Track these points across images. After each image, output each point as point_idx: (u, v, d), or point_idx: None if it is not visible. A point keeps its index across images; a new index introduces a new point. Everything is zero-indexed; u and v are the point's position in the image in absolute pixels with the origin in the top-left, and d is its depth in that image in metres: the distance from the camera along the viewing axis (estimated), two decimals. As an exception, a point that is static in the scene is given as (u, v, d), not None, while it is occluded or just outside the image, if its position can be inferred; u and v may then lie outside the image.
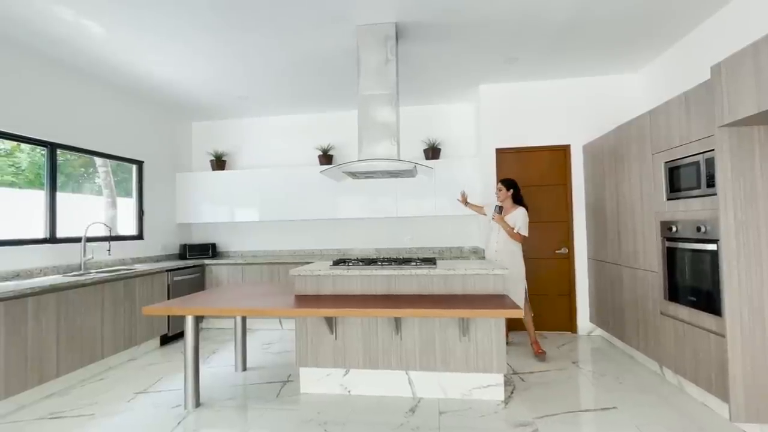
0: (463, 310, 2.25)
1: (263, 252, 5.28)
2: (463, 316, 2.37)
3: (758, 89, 1.82)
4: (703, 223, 2.35)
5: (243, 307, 2.46)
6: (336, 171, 3.01)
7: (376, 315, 2.32)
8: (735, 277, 2.08)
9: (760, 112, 1.81)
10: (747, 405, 2.05)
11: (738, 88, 1.93)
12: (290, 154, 5.27)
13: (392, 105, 2.99)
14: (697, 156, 2.42)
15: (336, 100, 4.71)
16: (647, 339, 3.04)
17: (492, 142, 4.35)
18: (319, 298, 2.75)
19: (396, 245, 5.02)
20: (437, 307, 2.36)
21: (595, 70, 4.07)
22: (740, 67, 1.92)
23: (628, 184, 3.25)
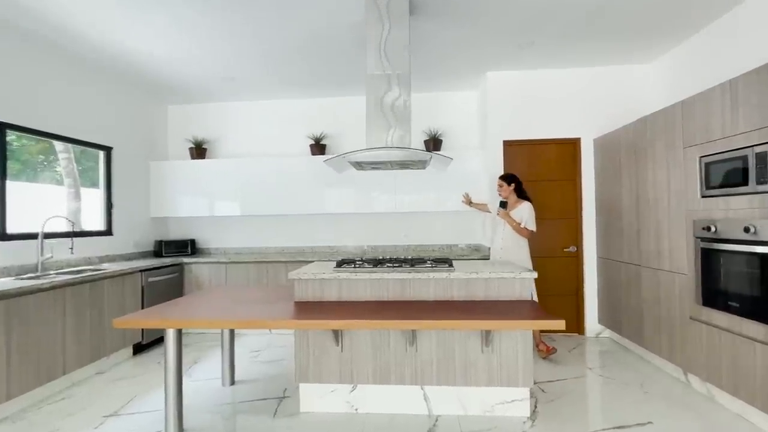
0: (501, 321, 1.97)
1: (248, 249, 4.86)
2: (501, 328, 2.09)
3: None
4: (752, 224, 2.15)
5: (238, 318, 2.09)
6: (340, 160, 2.65)
7: (392, 328, 2.01)
8: (797, 283, 1.89)
9: None
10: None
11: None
12: (279, 142, 4.84)
13: (405, 86, 2.66)
14: (744, 150, 2.21)
15: (332, 84, 4.32)
16: (671, 344, 2.86)
17: (499, 133, 4.08)
18: (323, 305, 2.41)
19: (392, 242, 4.71)
20: (458, 315, 2.08)
21: (609, 60, 3.85)
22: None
23: (651, 181, 3.05)
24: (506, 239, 3.43)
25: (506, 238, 3.43)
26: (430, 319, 2.03)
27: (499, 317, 2.02)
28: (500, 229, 3.50)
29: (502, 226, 3.48)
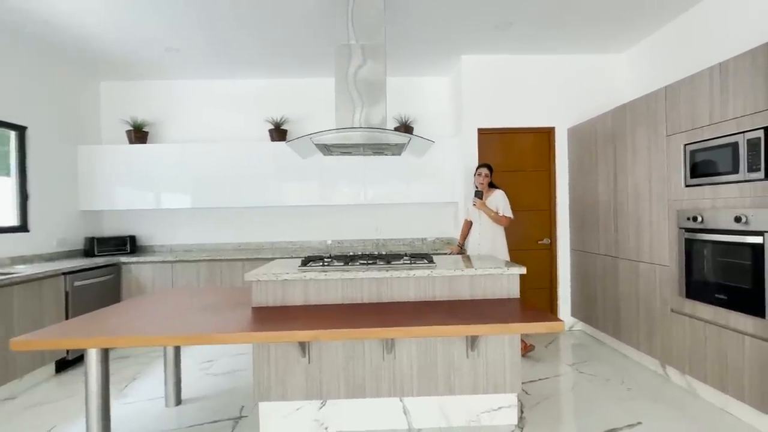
0: (497, 325, 1.73)
1: (199, 246, 4.34)
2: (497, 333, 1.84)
3: None
4: (743, 213, 2.06)
5: (180, 334, 1.69)
6: (305, 143, 2.30)
7: (372, 337, 1.71)
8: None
9: None
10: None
11: (826, 49, 1.60)
12: (234, 126, 4.34)
13: (379, 60, 2.34)
14: (735, 136, 2.12)
15: (295, 63, 3.90)
16: (651, 337, 2.80)
17: (474, 121, 3.88)
18: (287, 311, 2.06)
19: (360, 236, 4.40)
20: (445, 318, 1.82)
21: (584, 48, 3.76)
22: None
23: (631, 170, 2.96)
24: (483, 232, 3.24)
25: (483, 231, 3.25)
26: (414, 324, 1.76)
27: (492, 320, 1.78)
28: (476, 222, 3.31)
29: (477, 219, 3.29)
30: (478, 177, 3.24)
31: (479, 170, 3.25)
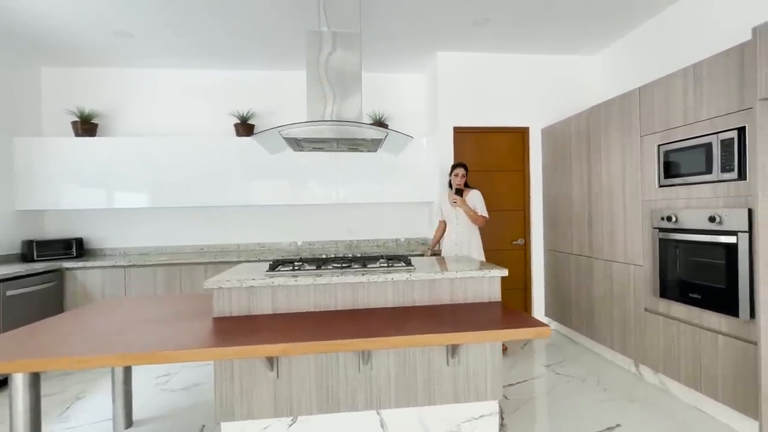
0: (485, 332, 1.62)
1: (156, 249, 4.01)
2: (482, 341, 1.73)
3: (833, 50, 1.51)
4: (717, 213, 2.08)
5: (126, 352, 1.46)
6: (274, 137, 2.11)
7: (348, 349, 1.56)
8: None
9: (835, 78, 1.49)
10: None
11: (802, 50, 1.61)
12: (196, 120, 4.04)
13: (355, 50, 2.19)
14: (708, 137, 2.14)
15: (263, 52, 3.66)
16: (624, 336, 2.81)
17: (450, 119, 3.81)
18: (253, 321, 1.87)
19: (331, 238, 4.22)
20: (427, 325, 1.70)
21: (559, 49, 3.77)
22: (806, 24, 1.60)
23: (605, 170, 2.98)
24: (460, 232, 3.17)
25: (460, 231, 3.17)
26: (394, 332, 1.62)
27: (478, 326, 1.67)
28: (453, 222, 3.23)
29: (454, 219, 3.21)
30: (455, 177, 3.16)
31: (456, 170, 3.17)
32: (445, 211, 3.30)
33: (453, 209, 3.19)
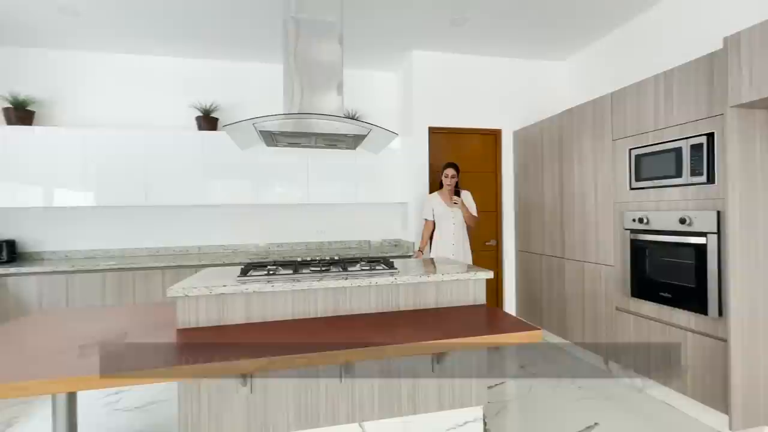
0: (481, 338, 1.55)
1: (105, 252, 3.63)
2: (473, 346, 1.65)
3: (800, 61, 1.59)
4: (687, 215, 2.16)
5: (71, 375, 1.24)
6: (247, 128, 1.93)
7: (338, 362, 1.43)
8: (738, 276, 1.90)
9: (802, 87, 1.58)
10: (745, 411, 1.90)
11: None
12: (152, 111, 3.71)
13: (337, 40, 2.06)
14: (678, 141, 2.22)
15: (230, 41, 3.42)
16: (596, 335, 2.88)
17: (424, 119, 3.76)
18: (224, 333, 1.69)
19: (303, 239, 4.04)
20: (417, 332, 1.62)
21: (531, 53, 3.84)
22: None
23: (577, 173, 3.05)
24: (457, 233, 3.18)
25: (457, 232, 3.19)
26: (385, 340, 1.51)
27: (470, 332, 1.60)
28: (450, 224, 3.17)
29: (451, 219, 3.17)
30: (445, 178, 3.14)
31: (446, 170, 3.14)
32: (438, 212, 3.23)
33: (450, 210, 3.15)
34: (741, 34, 1.81)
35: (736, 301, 1.90)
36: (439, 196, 3.27)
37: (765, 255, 1.93)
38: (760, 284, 1.93)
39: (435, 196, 3.29)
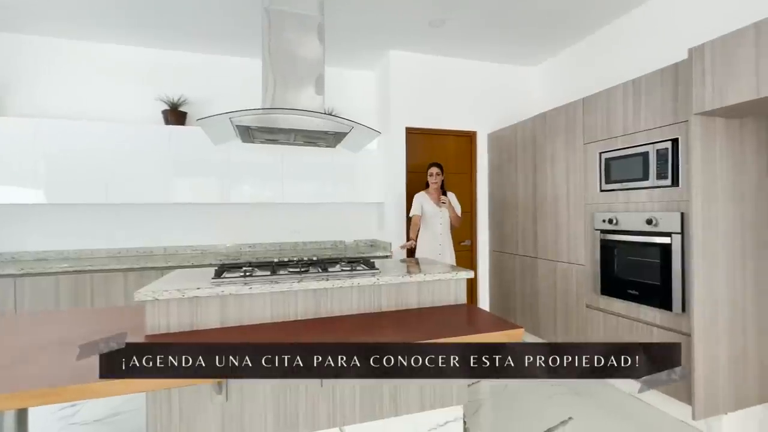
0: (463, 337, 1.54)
1: (59, 253, 3.37)
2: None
3: (758, 73, 1.71)
4: (653, 216, 2.27)
5: (24, 389, 1.12)
6: (223, 122, 1.84)
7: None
8: (700, 274, 2.02)
9: (759, 98, 1.69)
10: (707, 401, 2.02)
11: (732, 70, 1.81)
12: (112, 103, 3.48)
13: (317, 35, 2.01)
14: (645, 146, 2.34)
15: (201, 31, 3.26)
16: (567, 331, 2.98)
17: (401, 119, 3.76)
18: (199, 337, 1.59)
19: (276, 240, 3.93)
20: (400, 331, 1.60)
21: (506, 58, 3.93)
22: (736, 48, 1.80)
23: (550, 175, 3.14)
24: (444, 233, 3.21)
25: (444, 232, 3.21)
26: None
27: (454, 332, 1.60)
28: (437, 223, 3.17)
29: (439, 219, 3.17)
30: (431, 177, 3.15)
31: (430, 170, 3.16)
32: (427, 211, 3.21)
33: (439, 210, 3.15)
34: (705, 45, 1.92)
35: (698, 297, 2.01)
36: (427, 195, 3.25)
37: (724, 254, 2.06)
38: (719, 282, 2.05)
39: (424, 194, 3.27)
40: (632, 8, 3.02)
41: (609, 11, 3.06)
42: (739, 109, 1.89)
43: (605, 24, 3.25)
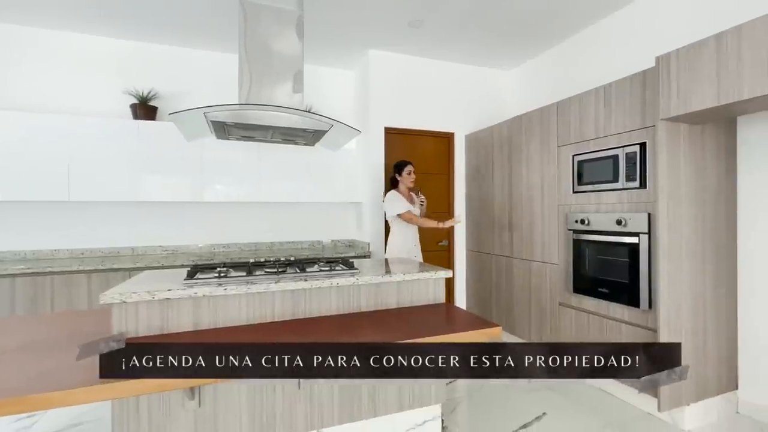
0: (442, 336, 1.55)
1: (14, 254, 3.16)
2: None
3: (718, 82, 1.80)
4: (623, 217, 2.36)
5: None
6: (198, 118, 1.77)
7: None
8: (665, 272, 2.11)
9: (719, 105, 1.79)
10: (671, 394, 2.12)
11: (695, 77, 1.90)
12: (76, 95, 3.29)
13: (296, 30, 1.97)
14: (615, 150, 2.43)
15: (173, 22, 3.13)
16: (541, 329, 3.06)
17: (381, 119, 3.75)
18: (168, 340, 1.53)
19: (252, 240, 3.83)
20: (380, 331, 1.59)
21: (483, 61, 4.00)
22: (698, 57, 1.89)
23: (525, 176, 3.21)
24: (417, 234, 3.20)
25: (417, 232, 3.20)
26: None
27: (433, 331, 1.60)
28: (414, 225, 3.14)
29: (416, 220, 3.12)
30: (408, 176, 3.11)
31: (407, 167, 3.12)
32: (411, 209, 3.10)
33: (417, 210, 3.13)
34: (671, 54, 2.01)
35: (663, 295, 2.10)
36: (401, 195, 3.13)
37: (687, 254, 2.17)
38: (683, 281, 2.16)
39: (398, 194, 3.12)
40: (604, 16, 3.13)
41: (581, 19, 3.16)
42: (701, 116, 1.99)
43: (579, 30, 3.36)
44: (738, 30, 1.76)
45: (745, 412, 2.29)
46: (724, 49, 1.80)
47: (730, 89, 1.77)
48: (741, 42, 1.74)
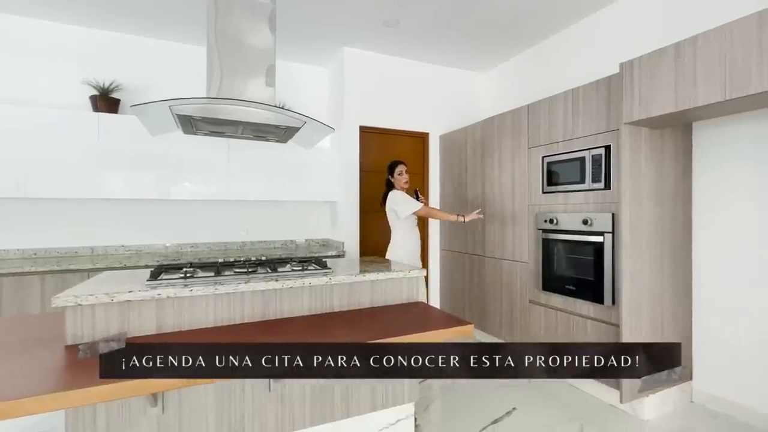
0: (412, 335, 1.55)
1: (-42, 254, 2.92)
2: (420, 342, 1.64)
3: (676, 89, 1.90)
4: (589, 216, 2.45)
5: None
6: (163, 111, 1.69)
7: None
8: (627, 270, 2.21)
9: (677, 111, 1.88)
10: (632, 386, 2.21)
11: (656, 84, 1.99)
12: (30, 85, 3.08)
13: (269, 23, 1.92)
14: (582, 152, 2.52)
15: (138, 11, 2.99)
16: (512, 326, 3.13)
17: (355, 117, 3.73)
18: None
19: (221, 239, 3.72)
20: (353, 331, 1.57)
21: (458, 62, 4.05)
22: (658, 65, 1.98)
23: (497, 177, 3.28)
24: (419, 233, 3.10)
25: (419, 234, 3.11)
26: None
27: (404, 330, 1.60)
28: (415, 224, 3.02)
29: (416, 219, 3.02)
30: (399, 176, 2.95)
31: (399, 167, 2.97)
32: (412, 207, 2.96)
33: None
34: (633, 61, 2.10)
35: (625, 292, 2.20)
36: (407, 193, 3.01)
37: (647, 253, 2.27)
38: (644, 278, 2.26)
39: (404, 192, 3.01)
40: (574, 22, 3.23)
41: (554, 23, 3.24)
42: (660, 121, 2.09)
43: (551, 35, 3.44)
44: (694, 40, 1.86)
45: (698, 402, 2.43)
46: (682, 58, 1.90)
47: (686, 96, 1.87)
48: (696, 52, 1.84)
